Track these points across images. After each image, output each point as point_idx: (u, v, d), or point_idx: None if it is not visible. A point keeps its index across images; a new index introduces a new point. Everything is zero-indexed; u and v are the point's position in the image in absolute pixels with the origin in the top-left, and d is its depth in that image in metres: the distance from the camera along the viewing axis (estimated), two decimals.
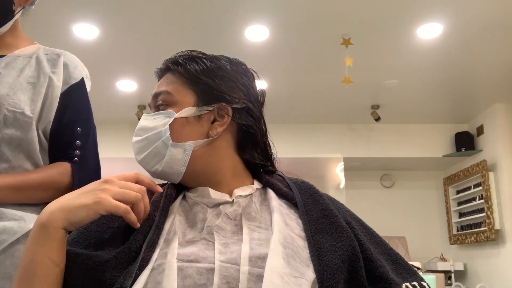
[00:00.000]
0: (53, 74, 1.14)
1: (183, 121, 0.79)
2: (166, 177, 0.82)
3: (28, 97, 1.09)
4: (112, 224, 0.73)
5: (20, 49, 1.16)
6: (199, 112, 0.80)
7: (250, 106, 0.83)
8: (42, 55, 1.17)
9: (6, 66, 1.11)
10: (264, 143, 0.87)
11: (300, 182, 0.84)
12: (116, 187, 0.68)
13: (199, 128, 0.80)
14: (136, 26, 3.49)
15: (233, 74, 0.84)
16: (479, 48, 3.80)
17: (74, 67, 1.19)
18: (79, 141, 1.15)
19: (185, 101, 0.80)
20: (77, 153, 1.15)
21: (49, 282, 0.65)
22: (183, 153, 0.78)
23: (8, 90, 1.06)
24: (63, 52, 1.21)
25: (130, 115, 5.02)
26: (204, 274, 0.63)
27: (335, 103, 5.02)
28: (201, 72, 0.81)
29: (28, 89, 1.09)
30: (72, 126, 1.15)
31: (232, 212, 0.76)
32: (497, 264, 5.00)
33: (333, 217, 0.74)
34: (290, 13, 3.35)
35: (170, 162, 0.78)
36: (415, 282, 0.71)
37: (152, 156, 0.79)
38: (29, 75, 1.11)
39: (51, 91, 1.12)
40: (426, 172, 6.21)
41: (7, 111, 1.04)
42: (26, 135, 1.07)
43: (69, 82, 1.16)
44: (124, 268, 0.65)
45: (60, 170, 1.11)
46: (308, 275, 0.65)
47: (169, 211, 0.76)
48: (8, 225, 1.00)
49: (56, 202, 0.68)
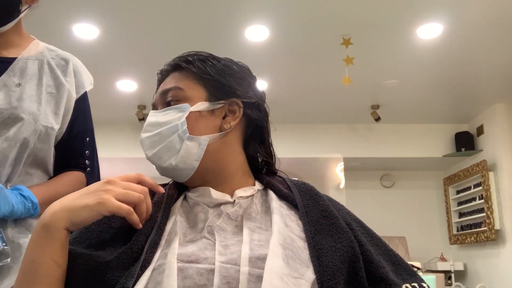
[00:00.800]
0: (68, 84, 1.15)
1: (197, 115, 0.80)
2: (177, 174, 0.81)
3: (51, 110, 1.11)
4: (114, 224, 0.73)
5: (26, 50, 1.15)
6: (212, 107, 0.81)
7: (259, 101, 0.85)
8: (50, 59, 1.17)
9: (21, 74, 1.11)
10: (268, 141, 0.89)
11: (301, 183, 0.84)
12: (118, 188, 0.68)
13: (213, 122, 0.81)
14: (136, 26, 3.49)
15: (240, 72, 0.86)
16: (479, 48, 3.80)
17: (82, 75, 1.21)
18: (88, 151, 1.18)
19: (197, 96, 0.81)
20: (87, 163, 1.18)
21: (51, 282, 0.65)
22: (198, 147, 0.78)
23: (37, 105, 1.08)
24: (69, 56, 1.21)
25: (130, 115, 5.02)
26: (204, 274, 0.63)
27: (335, 103, 5.02)
28: (211, 69, 0.83)
29: (49, 100, 1.11)
30: (82, 136, 1.18)
31: (233, 212, 0.76)
32: (497, 264, 5.00)
33: (333, 218, 0.74)
34: (290, 13, 3.35)
35: (185, 157, 0.78)
36: (415, 283, 0.71)
37: (166, 150, 0.79)
38: (48, 84, 1.13)
39: (68, 102, 1.15)
40: (426, 172, 6.21)
41: (42, 127, 1.07)
42: (49, 147, 1.11)
43: (79, 92, 1.18)
44: (126, 268, 0.65)
45: (80, 181, 1.15)
46: (308, 276, 0.65)
47: (171, 212, 0.76)
48: None
49: (58, 203, 0.68)
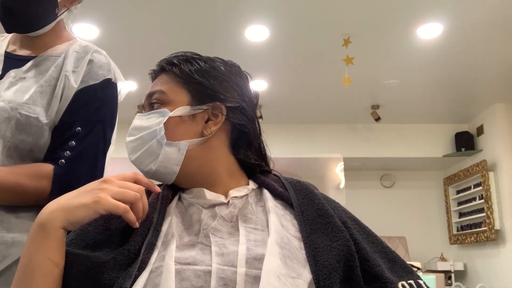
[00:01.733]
0: (72, 74, 1.07)
1: (178, 120, 0.79)
2: (160, 177, 0.81)
3: (46, 101, 1.04)
4: (110, 226, 0.73)
5: (54, 47, 1.12)
6: (193, 111, 0.80)
7: (244, 105, 0.83)
8: (73, 52, 1.11)
9: (30, 68, 1.07)
10: (258, 143, 0.87)
11: (295, 182, 0.84)
12: (115, 186, 0.68)
13: (194, 127, 0.80)
14: (136, 26, 3.49)
15: (227, 75, 0.84)
16: (479, 48, 3.80)
17: (99, 67, 1.11)
18: (74, 142, 1.04)
19: (179, 100, 0.80)
20: (66, 154, 1.03)
21: (49, 282, 0.65)
22: (178, 152, 0.78)
23: (22, 94, 1.02)
24: (94, 48, 1.14)
25: (130, 115, 4.99)
26: (202, 276, 0.63)
27: (335, 103, 5.02)
28: (195, 72, 0.81)
29: (48, 92, 1.05)
30: (72, 125, 1.05)
31: (228, 214, 0.75)
32: (497, 264, 5.00)
33: (328, 217, 0.74)
34: (290, 13, 3.35)
35: (164, 162, 0.78)
36: (411, 281, 0.71)
37: (146, 155, 0.79)
38: (52, 76, 1.07)
39: (66, 92, 1.06)
40: (426, 172, 6.21)
41: (19, 115, 1.00)
42: (38, 141, 1.03)
43: (87, 82, 1.08)
44: (123, 269, 0.65)
45: (39, 174, 1.00)
46: (305, 275, 0.65)
47: (166, 213, 0.76)
48: (17, 238, 0.96)
49: (55, 202, 0.68)
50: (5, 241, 0.96)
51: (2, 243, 0.96)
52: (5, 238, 0.96)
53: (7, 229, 0.97)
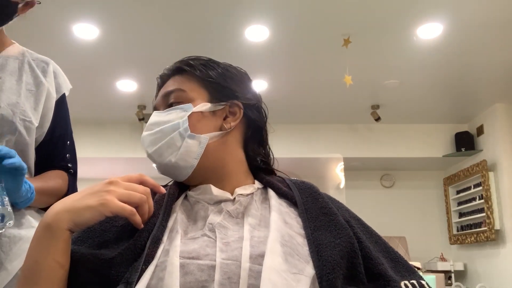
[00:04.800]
0: (47, 83, 1.15)
1: (199, 115, 0.82)
2: (176, 171, 0.82)
3: (31, 106, 1.10)
4: (116, 223, 0.74)
5: (6, 49, 1.15)
6: (213, 108, 0.83)
7: (259, 104, 0.89)
8: (31, 60, 1.17)
9: (2, 68, 1.11)
10: (266, 142, 0.91)
11: (300, 182, 0.85)
12: (121, 188, 0.68)
13: (214, 122, 0.83)
14: (136, 26, 3.49)
15: (239, 76, 0.89)
16: (479, 48, 3.80)
17: (60, 78, 1.21)
18: (69, 155, 1.19)
19: (199, 98, 0.83)
20: (70, 166, 1.19)
21: (54, 283, 0.65)
22: (198, 146, 0.80)
23: (16, 98, 1.07)
24: (49, 60, 1.22)
25: (130, 115, 5.02)
26: (206, 270, 0.64)
27: (335, 103, 5.02)
28: (212, 73, 0.85)
29: (28, 97, 1.10)
30: (64, 139, 1.19)
31: (234, 210, 0.77)
32: (497, 264, 5.00)
33: (332, 214, 0.75)
34: (290, 13, 3.35)
35: (185, 154, 0.80)
36: (414, 280, 0.71)
37: (166, 147, 0.81)
38: (27, 81, 1.12)
39: (48, 101, 1.14)
40: (426, 172, 6.21)
41: (19, 120, 1.05)
42: (27, 141, 1.08)
43: (59, 92, 1.18)
44: (130, 264, 0.66)
45: (63, 178, 1.15)
46: (308, 271, 0.65)
47: (172, 210, 0.77)
48: (25, 234, 1.01)
49: (61, 203, 0.68)
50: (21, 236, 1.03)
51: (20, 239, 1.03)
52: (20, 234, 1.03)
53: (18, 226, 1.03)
